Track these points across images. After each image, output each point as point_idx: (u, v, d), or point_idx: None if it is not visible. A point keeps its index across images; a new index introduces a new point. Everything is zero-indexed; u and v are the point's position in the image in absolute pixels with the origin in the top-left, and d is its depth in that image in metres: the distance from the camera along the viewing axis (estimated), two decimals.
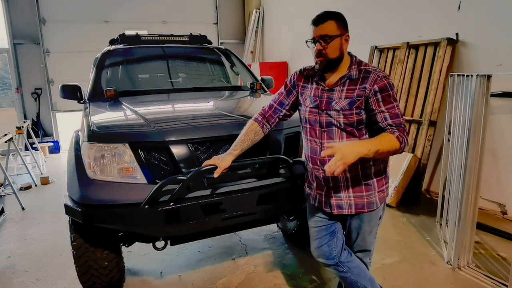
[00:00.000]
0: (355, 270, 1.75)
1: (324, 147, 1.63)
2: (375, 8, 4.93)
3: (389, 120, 1.51)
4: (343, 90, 1.58)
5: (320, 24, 1.54)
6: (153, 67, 3.61)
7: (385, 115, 1.51)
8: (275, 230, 3.32)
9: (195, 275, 2.65)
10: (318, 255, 1.81)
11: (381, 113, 1.52)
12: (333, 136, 1.62)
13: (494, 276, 2.48)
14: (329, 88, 1.62)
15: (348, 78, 1.58)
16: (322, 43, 1.54)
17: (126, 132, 2.07)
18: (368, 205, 1.66)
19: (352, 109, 1.55)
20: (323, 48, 1.54)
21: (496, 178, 3.53)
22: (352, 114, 1.56)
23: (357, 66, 1.59)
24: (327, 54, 1.55)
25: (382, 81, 1.52)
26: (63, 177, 5.21)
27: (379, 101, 1.52)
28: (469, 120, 2.50)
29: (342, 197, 1.67)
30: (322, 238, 1.78)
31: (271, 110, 1.85)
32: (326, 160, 1.63)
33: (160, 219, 1.83)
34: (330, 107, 1.60)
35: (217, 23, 8.76)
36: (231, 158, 1.79)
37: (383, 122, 1.52)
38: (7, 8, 7.09)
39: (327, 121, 1.62)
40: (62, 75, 7.38)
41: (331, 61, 1.57)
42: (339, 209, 1.68)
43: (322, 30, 1.53)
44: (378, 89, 1.51)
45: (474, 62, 3.68)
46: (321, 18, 1.54)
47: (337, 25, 1.54)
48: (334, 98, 1.59)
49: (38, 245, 3.20)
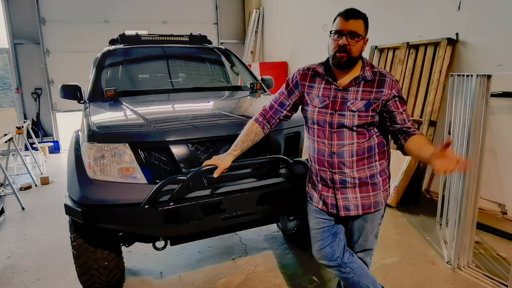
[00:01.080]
0: (357, 271, 1.74)
1: (333, 149, 1.60)
2: (375, 8, 4.93)
3: (408, 123, 1.57)
4: (358, 91, 1.56)
5: (352, 19, 1.48)
6: (153, 67, 3.61)
7: (404, 117, 1.57)
8: (275, 230, 3.32)
9: (195, 275, 2.65)
10: (320, 257, 1.78)
11: (401, 114, 1.57)
12: (343, 137, 1.59)
13: (494, 276, 2.48)
14: (343, 88, 1.59)
15: (363, 79, 1.57)
16: (349, 38, 1.48)
17: (126, 132, 2.06)
18: (374, 204, 1.66)
19: (368, 111, 1.55)
20: (348, 43, 1.49)
21: (496, 178, 3.53)
22: (367, 116, 1.55)
23: (370, 68, 1.59)
24: (351, 51, 1.50)
25: (396, 84, 1.57)
26: (63, 177, 5.21)
27: (397, 104, 1.56)
28: (469, 120, 2.50)
29: (349, 198, 1.65)
30: (324, 239, 1.75)
31: (272, 110, 1.81)
32: (335, 162, 1.62)
33: (160, 219, 1.83)
34: (344, 108, 1.57)
35: (217, 23, 8.76)
36: (231, 158, 1.78)
37: (403, 124, 1.57)
38: (7, 8, 7.09)
39: (339, 122, 1.58)
40: (62, 75, 7.38)
41: (352, 59, 1.53)
42: (346, 211, 1.67)
43: (352, 26, 1.48)
44: (396, 92, 1.56)
45: (474, 62, 3.68)
46: (354, 14, 1.49)
47: (364, 25, 1.52)
48: (349, 98, 1.57)
49: (38, 245, 3.20)
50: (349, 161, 1.60)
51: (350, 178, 1.62)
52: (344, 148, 1.60)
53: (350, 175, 1.62)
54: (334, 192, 1.67)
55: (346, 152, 1.60)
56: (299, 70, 1.75)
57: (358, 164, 1.61)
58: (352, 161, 1.60)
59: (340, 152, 1.60)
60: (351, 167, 1.61)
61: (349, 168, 1.61)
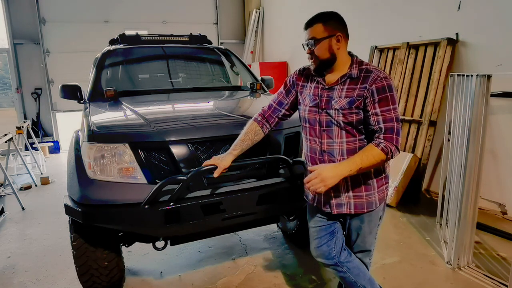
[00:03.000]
0: (354, 271, 1.75)
1: (323, 147, 1.64)
2: (375, 8, 4.93)
3: (381, 124, 1.49)
4: (343, 89, 1.58)
5: (309, 28, 1.59)
6: (153, 67, 3.61)
7: (378, 118, 1.50)
8: (275, 230, 3.32)
9: (195, 275, 2.65)
10: (317, 254, 1.81)
11: (375, 115, 1.50)
12: (333, 136, 1.61)
13: (494, 276, 2.48)
14: (329, 87, 1.62)
15: (349, 77, 1.58)
16: (310, 46, 1.59)
17: (126, 132, 2.06)
18: (367, 205, 1.66)
19: (352, 108, 1.55)
20: (311, 51, 1.59)
21: (496, 178, 3.53)
22: (351, 114, 1.56)
23: (358, 66, 1.59)
24: (317, 56, 1.59)
25: (381, 81, 1.50)
26: (63, 177, 5.21)
27: (375, 103, 1.50)
28: (469, 120, 2.50)
29: (342, 197, 1.67)
30: (321, 238, 1.78)
31: (270, 110, 1.85)
32: (326, 160, 1.64)
33: (160, 219, 1.83)
34: (329, 106, 1.60)
35: (217, 23, 8.76)
36: (231, 158, 1.79)
37: (375, 125, 1.51)
38: (7, 8, 7.10)
39: (326, 120, 1.62)
40: (62, 75, 7.38)
41: (323, 62, 1.60)
42: (339, 209, 1.68)
43: (311, 33, 1.58)
44: (375, 90, 1.49)
45: (474, 62, 3.68)
46: (310, 22, 1.59)
47: (324, 27, 1.55)
48: (334, 97, 1.59)
49: (38, 245, 3.20)
50: (339, 160, 1.61)
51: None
52: (334, 146, 1.62)
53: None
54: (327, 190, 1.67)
55: (336, 151, 1.62)
56: (296, 70, 1.81)
57: None
58: (342, 159, 1.60)
59: (330, 150, 1.63)
60: None
61: None
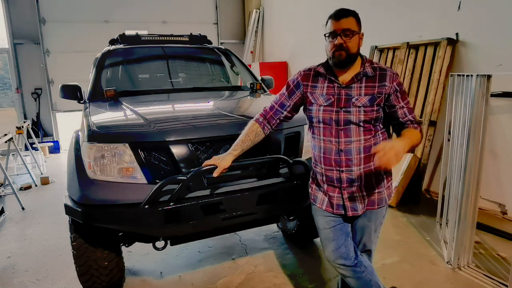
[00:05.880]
0: (369, 268, 1.72)
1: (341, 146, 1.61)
2: (375, 8, 4.93)
3: (408, 115, 1.61)
4: (361, 87, 1.59)
5: (343, 19, 1.53)
6: (153, 67, 3.61)
7: (405, 111, 1.61)
8: (275, 230, 3.32)
9: (195, 275, 2.65)
10: (336, 257, 1.70)
11: (401, 108, 1.61)
12: (351, 134, 1.60)
13: (494, 276, 2.48)
14: (346, 85, 1.61)
15: (364, 75, 1.60)
16: (344, 37, 1.53)
17: (126, 132, 2.06)
18: (378, 201, 1.67)
19: (373, 105, 1.57)
20: (344, 41, 1.53)
21: (496, 178, 3.52)
22: (372, 111, 1.57)
23: (370, 64, 1.62)
24: (348, 48, 1.54)
25: (397, 78, 1.61)
26: (63, 177, 5.21)
27: (399, 97, 1.60)
28: (469, 120, 2.50)
29: (356, 197, 1.66)
30: (339, 239, 1.71)
31: (272, 111, 1.82)
32: (343, 160, 1.62)
33: (160, 219, 1.83)
34: (350, 104, 1.59)
35: (217, 23, 8.76)
36: (231, 158, 1.78)
37: (404, 117, 1.61)
38: (7, 8, 7.10)
39: (345, 119, 1.60)
40: (62, 75, 7.38)
41: (351, 56, 1.56)
42: (354, 211, 1.66)
43: (344, 24, 1.52)
44: (397, 86, 1.59)
45: (474, 62, 3.68)
46: (344, 13, 1.54)
47: (356, 21, 1.56)
48: (353, 95, 1.59)
49: (38, 245, 3.20)
50: (357, 158, 1.61)
51: (357, 176, 1.63)
52: (352, 145, 1.61)
53: (357, 173, 1.62)
54: (340, 192, 1.67)
55: (353, 149, 1.61)
56: (300, 72, 1.76)
57: (365, 161, 1.62)
58: (359, 158, 1.61)
59: (348, 149, 1.61)
60: (358, 165, 1.61)
61: (356, 166, 1.62)
